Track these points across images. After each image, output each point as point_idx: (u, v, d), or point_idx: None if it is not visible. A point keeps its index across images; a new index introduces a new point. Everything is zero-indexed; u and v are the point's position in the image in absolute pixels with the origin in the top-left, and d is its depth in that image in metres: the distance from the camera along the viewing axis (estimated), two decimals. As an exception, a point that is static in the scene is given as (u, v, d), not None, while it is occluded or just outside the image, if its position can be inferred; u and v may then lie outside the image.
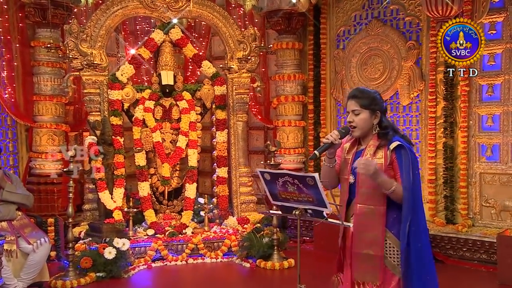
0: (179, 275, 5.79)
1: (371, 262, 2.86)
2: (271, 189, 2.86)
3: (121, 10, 6.54)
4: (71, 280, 5.23)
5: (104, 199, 6.16)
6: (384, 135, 2.88)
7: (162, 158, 6.67)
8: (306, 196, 2.71)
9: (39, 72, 6.83)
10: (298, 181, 2.68)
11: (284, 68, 7.60)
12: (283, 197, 2.85)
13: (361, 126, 2.88)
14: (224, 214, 6.81)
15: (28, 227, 4.81)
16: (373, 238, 2.84)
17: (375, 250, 2.84)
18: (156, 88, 6.74)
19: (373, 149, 2.87)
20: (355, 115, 2.88)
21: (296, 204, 2.80)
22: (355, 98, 2.89)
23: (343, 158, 3.00)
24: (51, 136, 6.87)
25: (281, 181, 2.76)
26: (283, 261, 5.83)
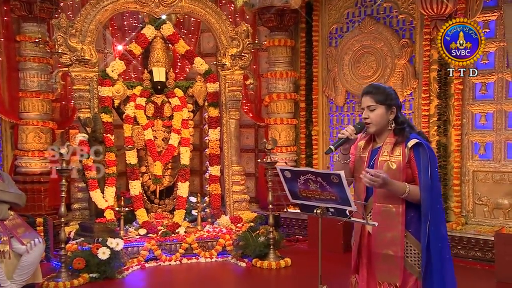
0: (173, 276, 5.70)
1: (390, 262, 2.82)
2: (291, 187, 2.79)
3: (112, 5, 6.40)
4: (64, 281, 5.09)
5: (96, 198, 6.02)
6: (400, 132, 2.83)
7: (154, 156, 6.57)
8: (329, 194, 2.63)
9: (25, 67, 6.63)
10: (322, 179, 2.61)
11: (276, 66, 7.57)
12: (303, 196, 2.76)
13: (376, 122, 2.82)
14: (216, 213, 6.73)
15: (21, 227, 4.66)
16: (392, 238, 2.81)
17: (394, 250, 2.80)
18: (147, 85, 6.65)
19: (390, 147, 2.82)
20: (371, 111, 2.83)
21: (318, 202, 2.72)
22: (370, 94, 2.85)
23: (358, 156, 2.95)
24: (38, 133, 6.69)
25: (303, 179, 2.68)
26: (279, 260, 5.80)
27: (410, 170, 2.78)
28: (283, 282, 5.50)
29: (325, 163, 7.72)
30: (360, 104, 2.95)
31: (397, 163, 2.76)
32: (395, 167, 2.75)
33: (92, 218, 6.04)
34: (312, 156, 7.72)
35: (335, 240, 6.32)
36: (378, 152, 2.86)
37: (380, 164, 2.82)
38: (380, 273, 2.86)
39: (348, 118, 7.50)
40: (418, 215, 2.75)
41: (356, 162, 2.94)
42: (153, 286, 5.41)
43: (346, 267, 5.95)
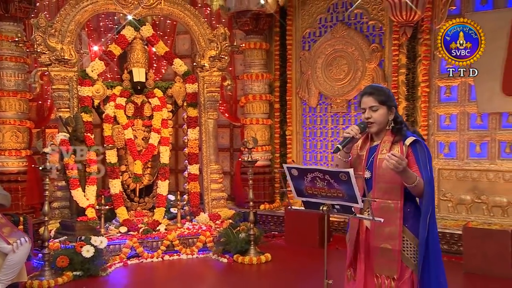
0: (156, 272, 5.63)
1: (389, 256, 2.83)
2: (297, 185, 2.76)
3: (91, 6, 6.29)
4: (48, 279, 4.95)
5: (77, 197, 5.91)
6: (398, 130, 2.85)
7: (134, 155, 6.48)
8: (336, 191, 2.62)
9: (2, 66, 6.50)
10: (330, 177, 2.59)
11: (252, 68, 7.62)
12: (309, 193, 2.74)
13: (379, 122, 2.83)
14: (195, 210, 6.70)
15: (7, 227, 4.49)
16: (391, 233, 2.82)
17: (392, 244, 2.81)
18: (127, 85, 6.55)
19: (388, 145, 2.83)
20: (373, 111, 2.84)
21: (324, 199, 2.69)
22: (372, 95, 2.86)
23: (356, 155, 2.96)
24: (15, 132, 6.55)
25: (310, 177, 2.66)
26: (260, 255, 5.80)
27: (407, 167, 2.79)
28: (265, 277, 5.52)
29: (298, 162, 7.80)
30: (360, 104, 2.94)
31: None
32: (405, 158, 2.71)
33: (73, 216, 5.92)
34: (286, 155, 7.81)
35: (311, 235, 6.42)
36: (376, 150, 2.88)
37: (379, 161, 2.82)
38: (378, 266, 2.86)
39: (321, 118, 7.63)
40: (414, 210, 2.79)
41: (354, 161, 2.95)
42: (137, 283, 5.33)
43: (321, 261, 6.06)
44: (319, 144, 7.65)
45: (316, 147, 7.68)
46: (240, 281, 5.35)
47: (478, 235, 5.34)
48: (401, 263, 2.80)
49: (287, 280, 5.33)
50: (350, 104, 7.31)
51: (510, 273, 5.08)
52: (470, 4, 6.45)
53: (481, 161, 6.38)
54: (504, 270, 5.04)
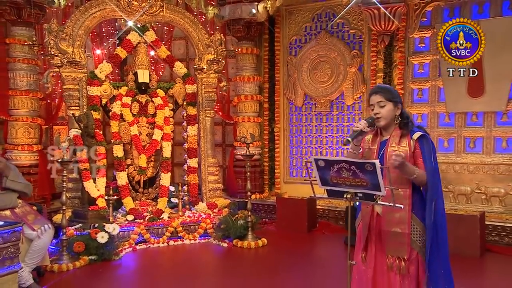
0: (162, 256, 5.66)
1: (399, 239, 2.83)
2: (323, 175, 2.72)
3: (99, 12, 6.27)
4: (66, 263, 4.96)
5: (89, 188, 5.89)
6: (405, 125, 2.87)
7: (139, 150, 6.49)
8: (360, 181, 2.59)
9: (15, 68, 6.35)
10: (356, 167, 2.56)
11: (243, 71, 7.65)
12: (334, 182, 2.69)
13: (386, 116, 2.85)
14: (194, 200, 6.74)
15: (31, 214, 4.47)
16: (400, 218, 2.82)
17: (402, 228, 2.81)
18: (132, 86, 6.54)
19: (397, 139, 2.85)
20: (381, 107, 2.85)
21: (347, 188, 2.66)
22: (380, 93, 2.89)
23: (367, 148, 2.96)
24: (27, 129, 6.44)
25: (336, 168, 2.62)
26: (257, 240, 5.88)
27: (413, 159, 2.82)
28: (263, 259, 5.57)
29: (285, 156, 7.89)
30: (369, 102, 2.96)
31: (405, 152, 2.79)
32: (403, 156, 2.74)
33: (85, 206, 5.88)
34: (275, 150, 7.86)
35: (301, 222, 6.54)
36: (386, 143, 2.88)
37: (389, 154, 2.81)
38: (389, 249, 2.86)
39: (306, 117, 7.69)
40: (420, 198, 2.81)
41: (366, 154, 2.95)
42: (146, 266, 5.34)
43: (311, 244, 6.25)
44: (304, 140, 7.73)
45: (301, 143, 7.76)
46: (240, 263, 5.41)
47: (450, 219, 5.54)
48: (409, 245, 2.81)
49: (283, 261, 5.43)
50: (333, 104, 7.40)
51: (478, 252, 5.33)
52: (439, 16, 6.59)
53: (448, 155, 6.57)
54: (473, 250, 5.25)
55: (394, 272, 2.83)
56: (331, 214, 6.88)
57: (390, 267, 2.85)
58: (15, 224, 3.77)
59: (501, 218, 5.94)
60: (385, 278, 2.85)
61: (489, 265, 5.26)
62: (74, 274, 4.90)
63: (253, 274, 5.01)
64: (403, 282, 2.81)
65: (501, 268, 5.13)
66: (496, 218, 5.92)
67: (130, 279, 5.01)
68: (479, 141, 6.43)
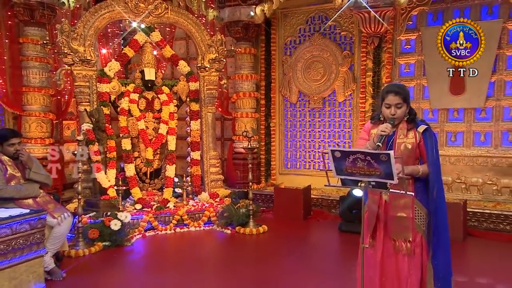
0: (170, 242, 5.73)
1: (404, 223, 2.90)
2: (338, 165, 2.71)
3: (108, 14, 6.27)
4: (82, 249, 5.03)
5: (101, 179, 5.93)
6: (412, 120, 2.94)
7: (146, 143, 6.53)
8: (374, 170, 2.60)
9: (28, 66, 6.35)
10: (371, 158, 2.57)
11: (242, 69, 7.71)
12: (348, 172, 2.70)
13: (401, 117, 2.91)
14: (197, 190, 6.82)
15: (51, 203, 4.51)
16: (405, 204, 2.88)
17: (407, 213, 2.88)
18: (139, 83, 6.57)
19: (405, 131, 2.92)
20: (398, 108, 2.88)
21: (361, 177, 2.67)
22: (399, 94, 2.89)
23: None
24: (40, 123, 6.45)
25: (352, 158, 2.63)
26: (258, 227, 5.98)
27: (418, 150, 2.89)
28: (264, 244, 5.68)
29: (281, 149, 7.99)
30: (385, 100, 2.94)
31: (412, 144, 2.89)
32: (410, 147, 2.88)
33: (96, 195, 5.93)
34: (271, 143, 7.95)
35: (297, 210, 6.66)
36: (394, 135, 2.92)
37: (398, 144, 2.90)
38: (395, 232, 2.92)
39: (300, 113, 7.79)
40: (423, 186, 2.86)
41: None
42: (156, 251, 5.41)
43: (307, 230, 6.38)
44: (298, 134, 7.83)
45: (295, 137, 7.85)
46: (244, 248, 5.50)
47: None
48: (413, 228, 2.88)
49: (283, 246, 5.54)
50: (325, 101, 7.51)
51: (461, 237, 5.53)
52: (423, 20, 6.71)
53: (432, 147, 6.75)
54: (457, 234, 5.41)
55: (401, 254, 2.92)
56: (324, 203, 7.01)
57: (397, 249, 2.93)
58: (40, 212, 3.85)
59: (479, 205, 6.14)
60: (393, 259, 2.94)
61: (471, 248, 5.45)
62: (90, 259, 4.96)
63: (256, 258, 5.11)
64: (410, 262, 2.90)
65: (481, 250, 5.33)
66: (476, 206, 6.11)
67: (142, 263, 5.07)
68: (460, 135, 6.61)
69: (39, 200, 4.46)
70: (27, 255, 3.65)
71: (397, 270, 2.94)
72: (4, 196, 4.16)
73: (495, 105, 6.41)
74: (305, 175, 7.66)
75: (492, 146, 6.45)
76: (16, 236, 3.55)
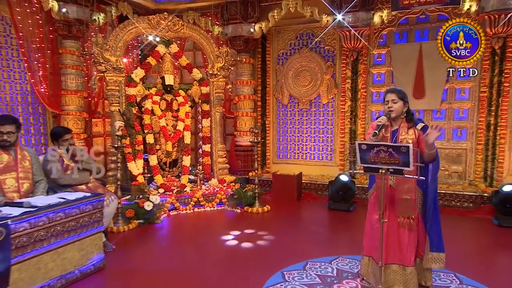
0: (191, 219, 5.88)
1: (408, 203, 2.98)
2: (363, 156, 2.77)
3: (135, 29, 6.38)
4: (122, 226, 5.19)
5: (131, 168, 6.07)
6: (410, 119, 3.05)
7: (166, 138, 6.68)
8: (394, 159, 2.64)
9: (66, 73, 6.38)
10: (392, 150, 2.62)
11: (242, 76, 7.83)
12: (371, 161, 2.74)
13: (397, 111, 3.02)
14: (208, 177, 7.01)
15: (100, 188, 4.65)
16: (409, 188, 2.97)
17: (410, 195, 2.97)
18: (160, 87, 6.70)
19: (405, 129, 3.02)
20: (394, 103, 3.00)
21: (382, 165, 2.72)
22: (394, 92, 3.03)
23: (382, 135, 3.06)
24: (76, 121, 6.49)
25: (376, 150, 2.67)
26: (263, 207, 6.18)
27: (417, 143, 2.98)
28: (269, 220, 5.84)
29: (274, 142, 8.18)
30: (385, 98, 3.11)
31: (412, 139, 2.99)
32: (411, 142, 2.97)
33: (128, 181, 6.06)
34: (266, 138, 8.10)
35: (291, 193, 6.88)
36: (397, 132, 3.03)
37: (401, 140, 2.99)
38: (400, 211, 3.02)
39: (290, 112, 7.94)
40: (419, 174, 2.93)
41: (381, 139, 3.06)
42: (180, 227, 5.55)
43: (301, 209, 6.68)
44: (289, 130, 8.01)
45: (287, 132, 8.04)
46: (252, 223, 5.68)
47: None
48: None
49: (284, 220, 5.75)
50: (312, 103, 7.71)
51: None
52: (392, 38, 6.97)
53: (398, 141, 7.09)
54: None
55: (403, 228, 3.07)
56: (313, 187, 7.27)
57: (401, 224, 3.07)
58: (99, 195, 4.01)
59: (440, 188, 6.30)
60: (395, 232, 3.09)
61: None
62: (128, 234, 5.12)
63: (263, 229, 5.27)
64: (410, 234, 3.09)
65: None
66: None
67: (170, 236, 5.23)
68: (420, 131, 6.97)
69: (90, 186, 4.59)
70: (90, 230, 3.80)
71: (399, 240, 3.10)
72: (63, 183, 4.30)
73: (447, 107, 6.73)
74: (294, 164, 7.94)
75: (445, 140, 6.78)
76: (83, 215, 3.69)
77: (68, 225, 3.54)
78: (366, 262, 3.41)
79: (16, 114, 6.00)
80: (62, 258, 3.50)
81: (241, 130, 7.88)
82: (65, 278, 3.53)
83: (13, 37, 5.91)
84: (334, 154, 7.63)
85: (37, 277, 3.27)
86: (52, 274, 3.41)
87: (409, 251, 3.11)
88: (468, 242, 4.83)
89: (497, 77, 6.27)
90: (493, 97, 6.37)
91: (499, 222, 5.49)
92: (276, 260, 4.07)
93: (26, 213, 3.17)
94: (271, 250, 4.48)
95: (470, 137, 6.69)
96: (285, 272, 3.76)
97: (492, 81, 6.33)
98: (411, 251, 3.11)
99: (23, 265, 3.15)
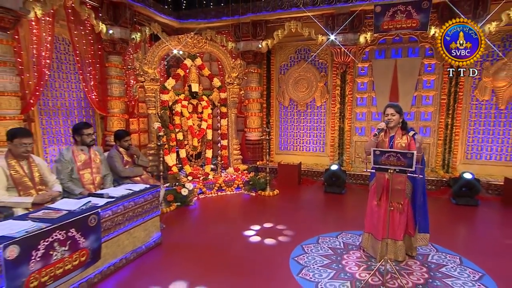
0: (216, 201, 6.03)
1: (399, 192, 3.12)
2: (376, 159, 2.84)
3: (167, 46, 6.48)
4: (164, 208, 5.41)
5: (168, 160, 6.25)
6: (404, 128, 3.22)
7: (193, 135, 6.83)
8: (400, 162, 2.71)
9: (111, 82, 6.50)
10: (400, 155, 2.70)
11: (251, 83, 7.93)
12: (382, 163, 2.82)
13: (395, 122, 3.19)
14: (225, 166, 7.22)
15: (151, 179, 4.85)
16: (401, 180, 3.10)
17: (401, 186, 3.12)
18: (187, 93, 6.84)
19: (400, 135, 3.18)
20: (393, 116, 3.16)
21: (390, 166, 2.80)
22: (393, 107, 3.18)
23: (381, 140, 3.23)
24: (119, 121, 6.64)
25: (387, 155, 2.74)
26: (273, 191, 6.31)
27: (408, 147, 3.14)
28: (279, 201, 5.95)
29: (277, 137, 8.33)
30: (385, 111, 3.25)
31: (405, 143, 3.17)
32: (404, 145, 3.16)
33: (165, 171, 6.26)
34: (270, 133, 8.25)
35: (293, 179, 7.09)
36: (393, 138, 3.21)
37: (396, 144, 3.18)
38: (393, 197, 3.14)
39: (290, 113, 8.09)
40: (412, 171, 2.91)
41: (380, 143, 3.27)
42: (209, 208, 5.67)
43: (302, 192, 6.87)
44: (289, 128, 8.16)
45: (287, 129, 8.19)
46: (265, 204, 5.82)
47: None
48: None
49: (290, 201, 5.95)
50: (308, 105, 7.88)
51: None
52: (373, 54, 7.17)
53: (377, 137, 7.39)
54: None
55: (395, 211, 3.32)
56: (310, 174, 7.50)
57: (394, 208, 3.31)
58: (156, 186, 4.25)
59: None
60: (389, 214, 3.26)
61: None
62: (170, 214, 5.32)
63: (274, 208, 5.51)
64: (400, 216, 3.34)
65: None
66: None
67: (202, 216, 5.38)
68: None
69: (143, 177, 4.81)
70: (151, 214, 4.04)
71: (392, 221, 3.36)
72: (124, 176, 4.52)
73: (416, 110, 7.02)
74: (293, 154, 8.21)
75: (414, 136, 7.19)
76: (146, 203, 3.93)
77: (136, 211, 3.78)
78: (367, 237, 3.70)
79: (72, 116, 6.12)
80: (133, 236, 3.76)
81: (250, 127, 8.06)
82: (136, 252, 3.80)
83: (71, 54, 5.99)
84: (325, 147, 7.94)
85: (118, 251, 3.54)
86: (127, 249, 3.67)
87: (400, 229, 3.38)
88: (435, 218, 5.09)
89: (454, 88, 6.66)
90: (450, 103, 6.76)
91: (457, 201, 5.89)
92: (295, 236, 4.33)
93: (109, 203, 3.41)
94: (289, 226, 4.68)
95: (433, 134, 7.01)
96: (304, 245, 4.07)
97: (450, 91, 6.71)
98: (401, 229, 3.39)
99: (108, 243, 3.41)
